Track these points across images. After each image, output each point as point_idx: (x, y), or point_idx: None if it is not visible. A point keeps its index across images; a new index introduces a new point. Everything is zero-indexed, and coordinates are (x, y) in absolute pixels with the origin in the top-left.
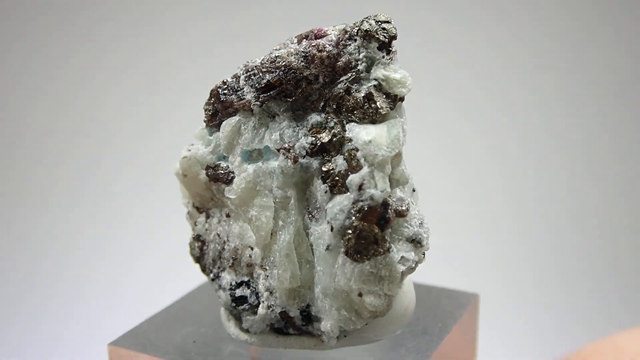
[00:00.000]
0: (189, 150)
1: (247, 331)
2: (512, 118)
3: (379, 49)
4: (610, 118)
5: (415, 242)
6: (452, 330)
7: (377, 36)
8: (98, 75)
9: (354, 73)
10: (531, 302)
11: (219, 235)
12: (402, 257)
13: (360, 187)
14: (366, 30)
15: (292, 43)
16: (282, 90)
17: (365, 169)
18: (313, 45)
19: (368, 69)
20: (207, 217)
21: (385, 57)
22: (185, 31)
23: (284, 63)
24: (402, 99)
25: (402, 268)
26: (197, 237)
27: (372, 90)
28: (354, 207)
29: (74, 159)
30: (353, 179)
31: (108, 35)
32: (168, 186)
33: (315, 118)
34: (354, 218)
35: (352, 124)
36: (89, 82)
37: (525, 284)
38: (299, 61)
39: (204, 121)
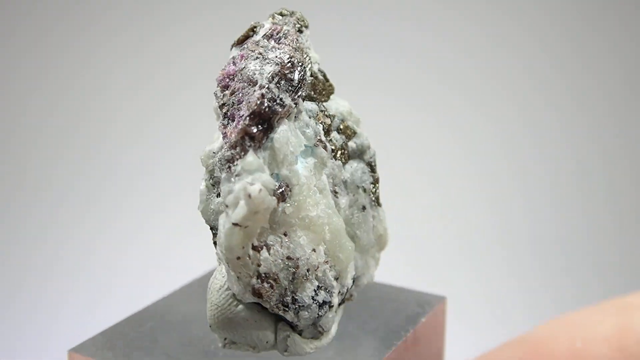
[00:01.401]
0: (254, 184)
1: (320, 333)
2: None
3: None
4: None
5: None
6: (418, 329)
7: (308, 25)
8: (93, 72)
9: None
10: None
11: (289, 257)
12: None
13: (369, 147)
14: (304, 21)
15: (267, 42)
16: (303, 85)
17: (362, 132)
18: (296, 40)
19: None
20: (269, 249)
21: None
22: (186, 28)
23: (298, 60)
24: None
25: None
26: (265, 277)
27: (322, 70)
28: (369, 165)
29: (68, 157)
30: (363, 143)
31: (109, 32)
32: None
33: (310, 106)
34: (373, 172)
35: (323, 103)
36: (86, 78)
37: (498, 287)
38: (302, 56)
39: (253, 147)
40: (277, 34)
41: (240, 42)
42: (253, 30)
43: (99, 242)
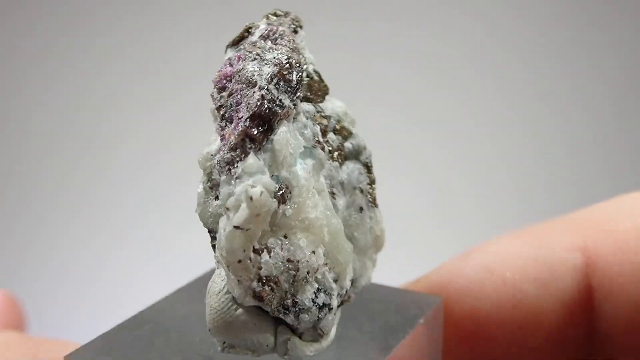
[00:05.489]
0: (255, 187)
1: (320, 336)
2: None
3: None
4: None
5: None
6: (416, 330)
7: (302, 25)
8: (107, 79)
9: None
10: None
11: (289, 260)
12: None
13: (365, 147)
14: (298, 21)
15: (264, 43)
16: (301, 86)
17: (357, 133)
18: (292, 41)
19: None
20: (269, 252)
21: None
22: (182, 27)
23: (296, 61)
24: None
25: None
26: (266, 281)
27: (317, 70)
28: (365, 166)
29: (80, 164)
30: (359, 143)
31: (120, 38)
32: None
33: (307, 107)
34: (369, 173)
35: (319, 104)
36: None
37: None
38: (299, 57)
39: (254, 149)
40: (273, 35)
41: (236, 42)
42: (248, 31)
43: (95, 243)
